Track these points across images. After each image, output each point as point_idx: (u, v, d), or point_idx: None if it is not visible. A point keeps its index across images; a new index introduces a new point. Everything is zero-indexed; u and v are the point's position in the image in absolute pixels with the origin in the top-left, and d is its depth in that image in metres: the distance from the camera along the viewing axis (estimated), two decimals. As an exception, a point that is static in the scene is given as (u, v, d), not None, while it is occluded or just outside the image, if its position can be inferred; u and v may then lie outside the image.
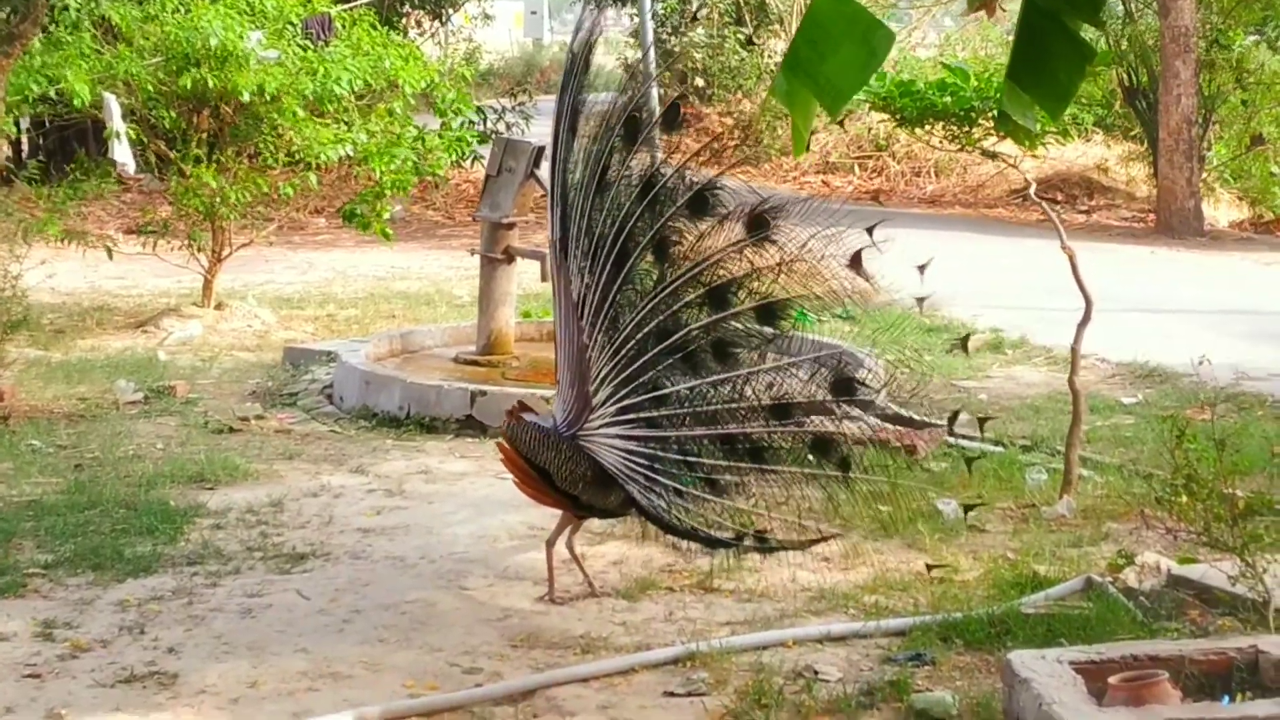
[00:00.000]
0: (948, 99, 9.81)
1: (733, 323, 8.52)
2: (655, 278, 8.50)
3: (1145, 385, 14.08)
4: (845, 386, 8.62)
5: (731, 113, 36.03)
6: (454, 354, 14.13)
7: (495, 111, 30.67)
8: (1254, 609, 7.80)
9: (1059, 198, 28.43)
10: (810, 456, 8.60)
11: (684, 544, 8.68)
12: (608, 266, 8.43)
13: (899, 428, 11.91)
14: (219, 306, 17.11)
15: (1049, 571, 8.89)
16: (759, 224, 8.41)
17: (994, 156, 10.54)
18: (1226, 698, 6.63)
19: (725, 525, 8.58)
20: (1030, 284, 19.01)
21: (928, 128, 10.73)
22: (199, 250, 16.83)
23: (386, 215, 16.81)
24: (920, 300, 11.08)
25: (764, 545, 8.63)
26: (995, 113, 9.80)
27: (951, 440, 11.83)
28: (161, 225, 17.00)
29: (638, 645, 7.97)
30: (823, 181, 32.30)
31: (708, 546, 8.64)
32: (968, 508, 9.14)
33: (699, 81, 37.27)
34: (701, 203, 8.50)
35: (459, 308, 17.83)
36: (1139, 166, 29.25)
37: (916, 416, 12.26)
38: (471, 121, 16.88)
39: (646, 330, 8.42)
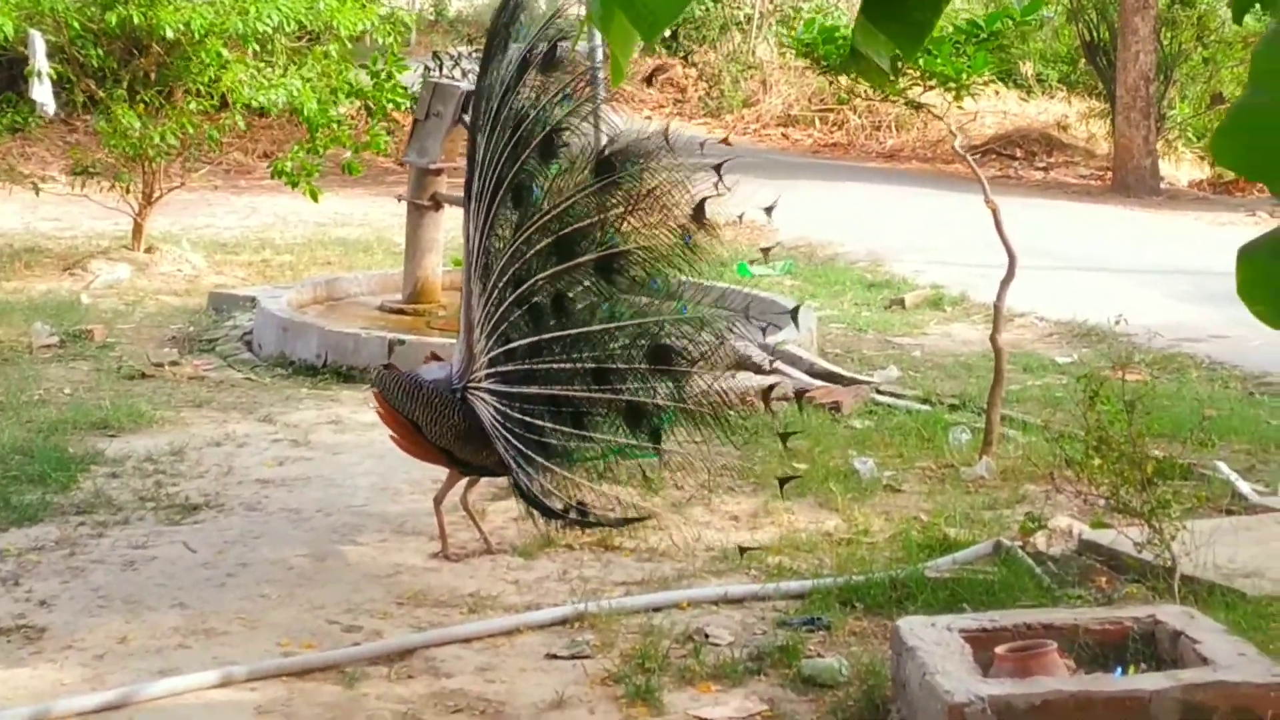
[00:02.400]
0: (871, 47, 9.50)
1: (575, 276, 8.27)
2: (514, 224, 8.22)
3: (1081, 345, 13.85)
4: (662, 355, 8.21)
5: (695, 63, 35.70)
6: (379, 302, 13.85)
7: (451, 58, 30.22)
8: (1162, 576, 7.58)
9: (1018, 154, 28.21)
10: (624, 426, 8.33)
11: (533, 511, 8.39)
12: (484, 211, 8.17)
13: (825, 384, 11.71)
14: (149, 250, 16.79)
15: (960, 534, 8.66)
16: (605, 168, 8.13)
17: (918, 107, 10.23)
18: (1120, 669, 6.39)
19: (554, 494, 8.32)
20: (976, 241, 18.65)
21: (853, 76, 10.43)
22: (127, 193, 16.46)
23: (316, 174, 16.38)
24: (765, 250, 10.86)
25: (584, 519, 8.38)
26: (919, 60, 9.51)
27: (879, 398, 11.59)
28: (87, 168, 16.59)
29: (527, 605, 7.71)
30: (783, 134, 32.02)
31: (545, 515, 8.37)
32: (783, 481, 8.79)
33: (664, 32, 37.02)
34: (550, 146, 8.25)
35: (396, 255, 17.47)
36: (1099, 124, 28.99)
37: (845, 373, 12.07)
38: (403, 87, 16.38)
39: (505, 279, 8.15)
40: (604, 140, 8.42)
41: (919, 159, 28.81)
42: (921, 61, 9.61)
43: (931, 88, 9.88)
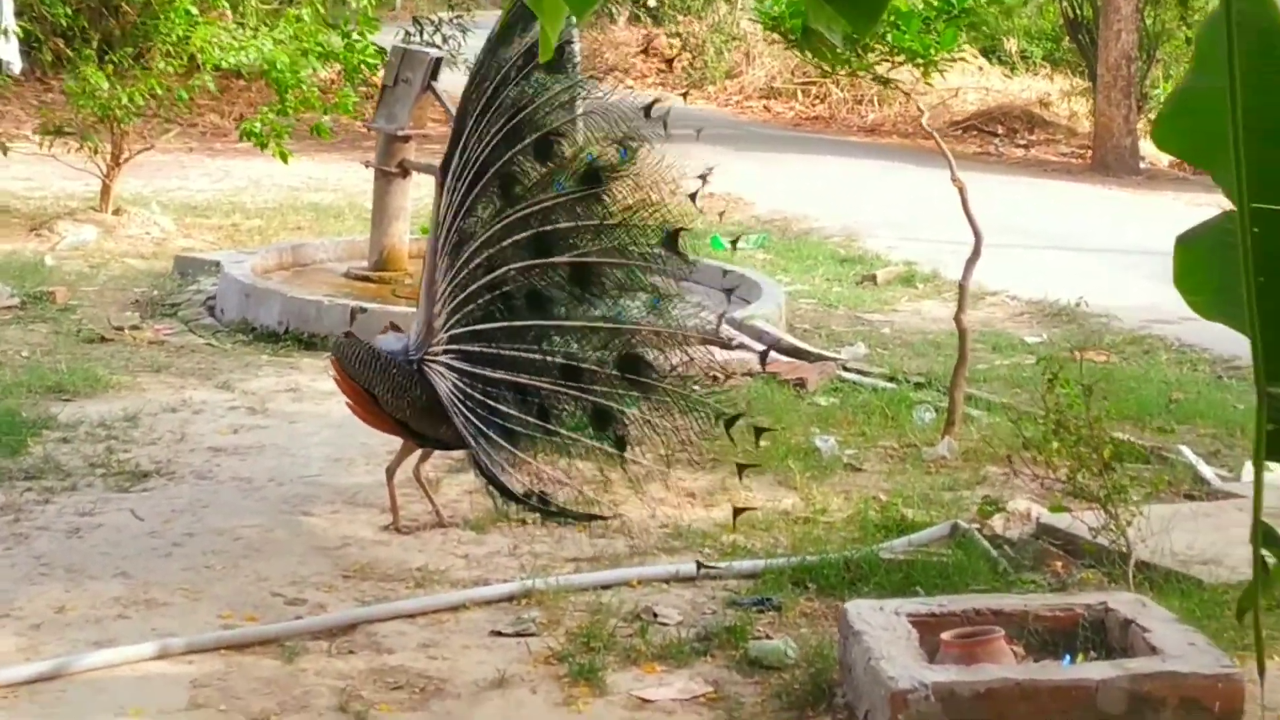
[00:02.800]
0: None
1: (549, 274, 8.21)
2: (493, 211, 8.14)
3: (1052, 324, 13.75)
4: (631, 365, 8.17)
5: (680, 34, 35.56)
6: (345, 269, 13.72)
7: (432, 24, 30.03)
8: (1118, 562, 7.49)
9: (999, 130, 28.07)
10: (590, 427, 8.27)
11: (492, 490, 8.27)
12: (463, 191, 8.08)
13: (791, 360, 11.61)
14: (117, 212, 16.61)
15: (918, 515, 8.56)
16: (592, 179, 8.07)
17: (886, 83, 10.11)
18: (1068, 657, 6.31)
19: (515, 477, 8.21)
20: (952, 218, 18.49)
21: (817, 52, 10.29)
22: (95, 154, 16.28)
23: (286, 135, 16.20)
24: (733, 242, 10.78)
25: (545, 509, 8.28)
26: (887, 35, 9.39)
27: (845, 375, 11.48)
28: (58, 128, 16.40)
29: (476, 580, 7.62)
30: (765, 107, 31.85)
31: (504, 497, 8.23)
32: (742, 467, 8.64)
33: (650, 2, 36.85)
34: (546, 147, 8.21)
35: (367, 221, 17.28)
36: (1081, 102, 28.87)
37: (812, 350, 11.97)
38: (380, 49, 16.21)
39: (478, 261, 8.06)
40: (594, 151, 8.33)
41: (899, 134, 28.64)
42: (889, 37, 9.50)
43: (900, 63, 9.76)
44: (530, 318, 8.16)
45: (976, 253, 9.93)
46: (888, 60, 9.81)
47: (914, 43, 9.45)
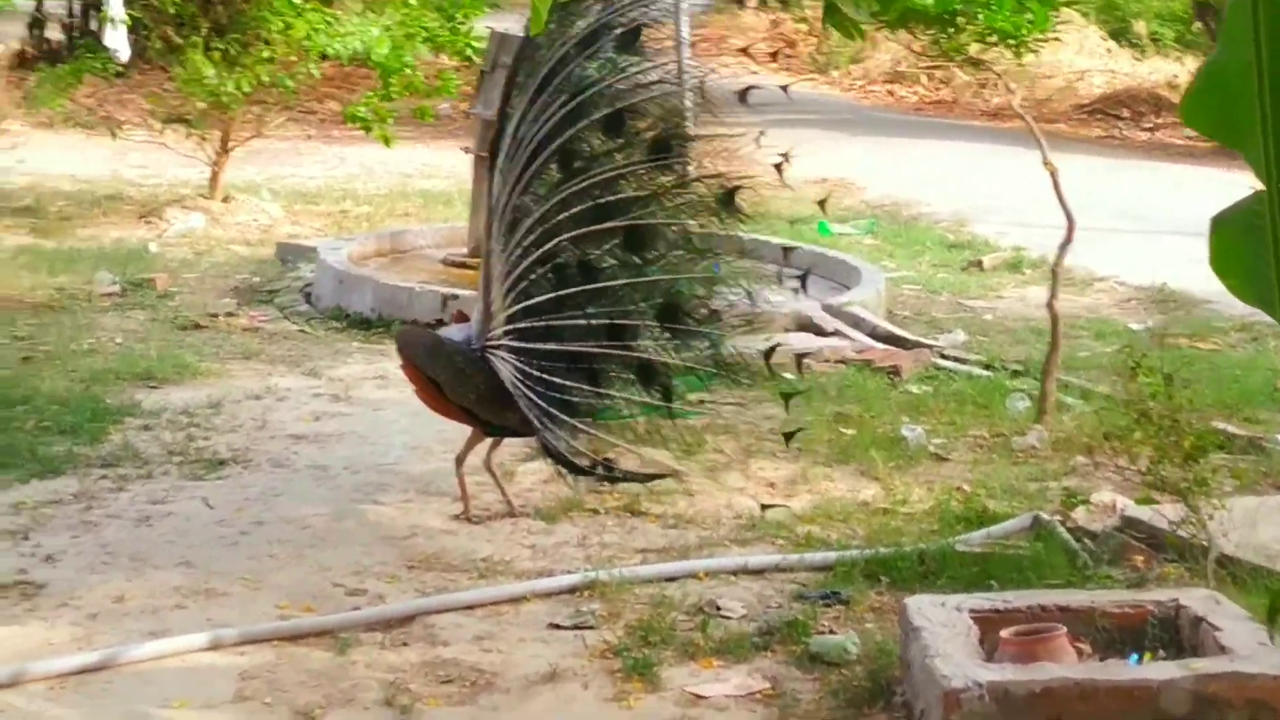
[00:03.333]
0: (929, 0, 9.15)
1: (603, 240, 8.21)
2: (552, 184, 8.04)
3: (1159, 311, 13.42)
4: (671, 313, 8.17)
5: (806, 19, 35.28)
6: (443, 255, 13.65)
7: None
8: (1199, 557, 7.25)
9: (1125, 114, 27.57)
10: (635, 384, 8.21)
11: (561, 469, 8.24)
12: (518, 170, 7.97)
13: (886, 347, 11.41)
14: (226, 199, 16.64)
15: (1001, 507, 8.35)
16: (660, 148, 8.00)
17: (978, 65, 9.90)
18: (1135, 656, 6.10)
19: (581, 452, 8.14)
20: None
21: (911, 32, 10.10)
22: (204, 141, 16.32)
23: (390, 120, 16.16)
24: (821, 203, 10.69)
25: (610, 474, 8.25)
26: (979, 15, 9.18)
27: (941, 363, 11.26)
28: (175, 116, 16.47)
29: (540, 571, 7.50)
30: (888, 91, 31.48)
31: (572, 472, 8.20)
32: (789, 435, 8.49)
33: (778, -14, 36.60)
34: (617, 122, 8.14)
35: (475, 208, 17.32)
36: (1210, 84, 28.23)
37: (909, 336, 11.76)
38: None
39: (532, 238, 7.96)
40: (665, 123, 8.34)
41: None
42: (981, 17, 9.29)
43: (992, 44, 9.54)
44: (581, 284, 8.10)
45: (1069, 237, 9.73)
46: (980, 40, 9.59)
47: (1005, 23, 9.23)
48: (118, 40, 15.62)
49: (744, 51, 34.58)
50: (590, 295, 8.08)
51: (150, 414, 9.69)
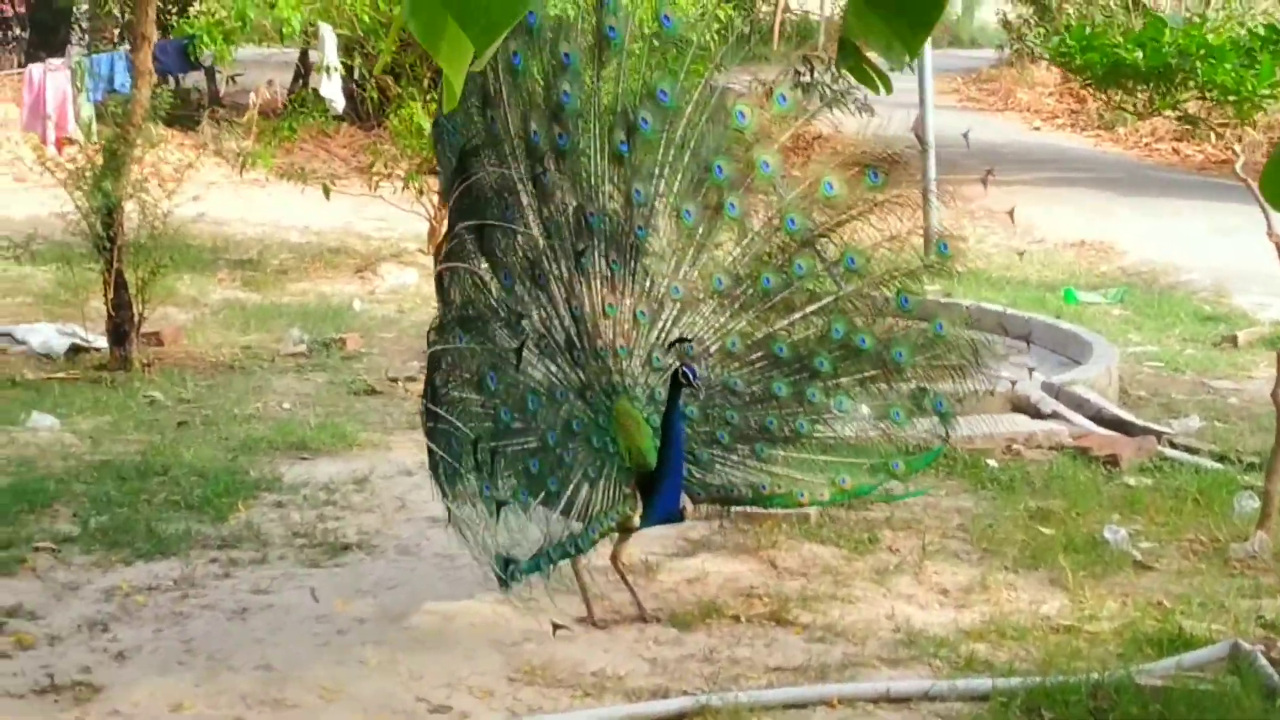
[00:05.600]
0: (1138, 54, 8.15)
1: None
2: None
3: None
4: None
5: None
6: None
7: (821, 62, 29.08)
8: None
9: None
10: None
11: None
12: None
13: (1107, 433, 10.38)
14: (443, 255, 16.07)
15: (1200, 628, 7.30)
16: None
17: (1195, 123, 8.85)
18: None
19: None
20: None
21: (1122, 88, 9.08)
22: (421, 195, 15.78)
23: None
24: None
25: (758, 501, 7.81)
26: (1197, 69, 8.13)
27: (1169, 452, 10.15)
28: (379, 168, 16.01)
29: (655, 689, 6.66)
30: (1173, 149, 29.98)
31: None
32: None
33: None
34: None
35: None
36: None
37: (1136, 421, 10.69)
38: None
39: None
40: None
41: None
42: (1200, 70, 8.25)
43: (1212, 101, 8.49)
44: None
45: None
46: (1200, 97, 8.54)
47: (1226, 76, 8.18)
48: (333, 90, 15.18)
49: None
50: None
51: (289, 489, 9.07)
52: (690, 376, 7.08)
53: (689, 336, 7.52)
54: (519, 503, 7.02)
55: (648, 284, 7.63)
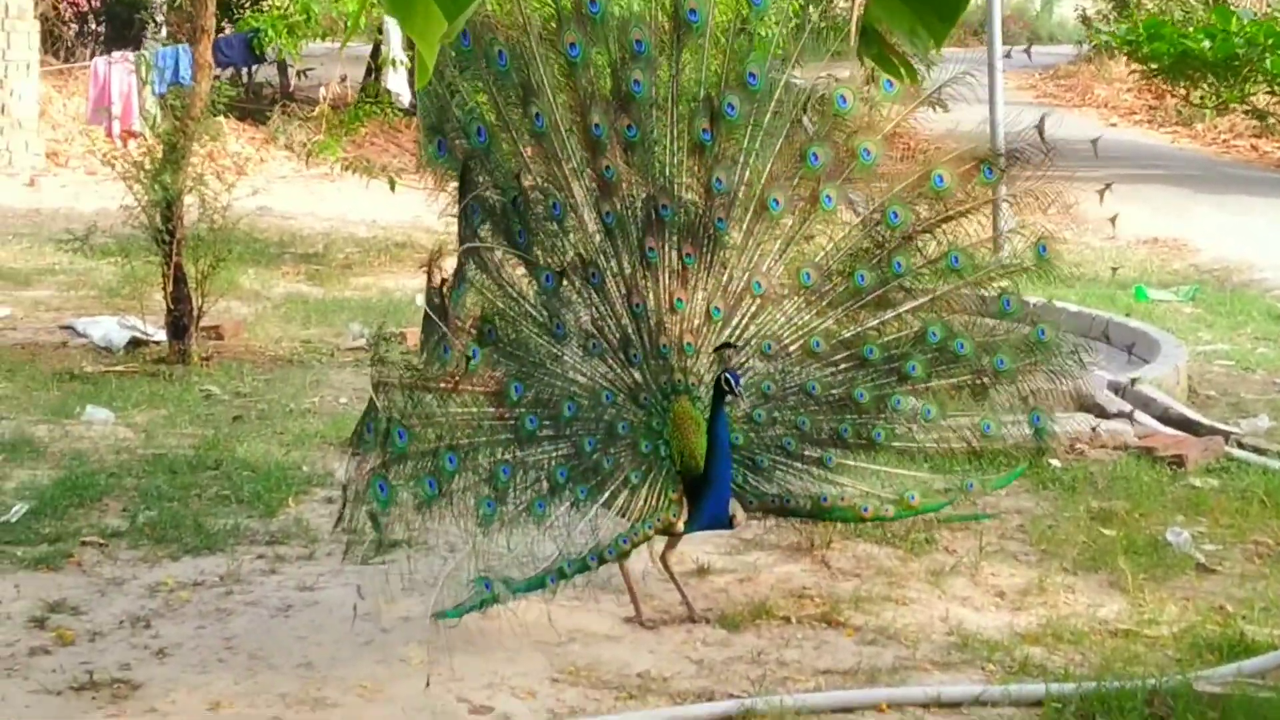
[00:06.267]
0: (1205, 44, 7.91)
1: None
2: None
3: None
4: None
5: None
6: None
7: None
8: None
9: None
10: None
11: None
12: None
13: (1173, 433, 10.20)
14: (510, 248, 15.99)
15: (1264, 634, 7.11)
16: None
17: (1263, 117, 8.63)
18: None
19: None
20: None
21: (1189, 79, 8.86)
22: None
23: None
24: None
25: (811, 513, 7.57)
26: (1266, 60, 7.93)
27: (1236, 453, 9.95)
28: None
29: (700, 692, 6.53)
30: (1251, 145, 29.55)
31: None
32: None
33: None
34: None
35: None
36: None
37: (1204, 421, 10.49)
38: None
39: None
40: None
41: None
42: (1269, 62, 8.04)
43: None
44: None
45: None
46: (1271, 91, 8.32)
47: (1295, 69, 7.97)
48: (399, 84, 15.11)
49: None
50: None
51: (341, 485, 8.96)
52: (733, 382, 6.91)
53: (735, 342, 7.28)
54: (535, 515, 6.90)
55: (725, 278, 7.36)
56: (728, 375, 6.93)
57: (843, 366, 7.50)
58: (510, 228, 7.13)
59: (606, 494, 7.08)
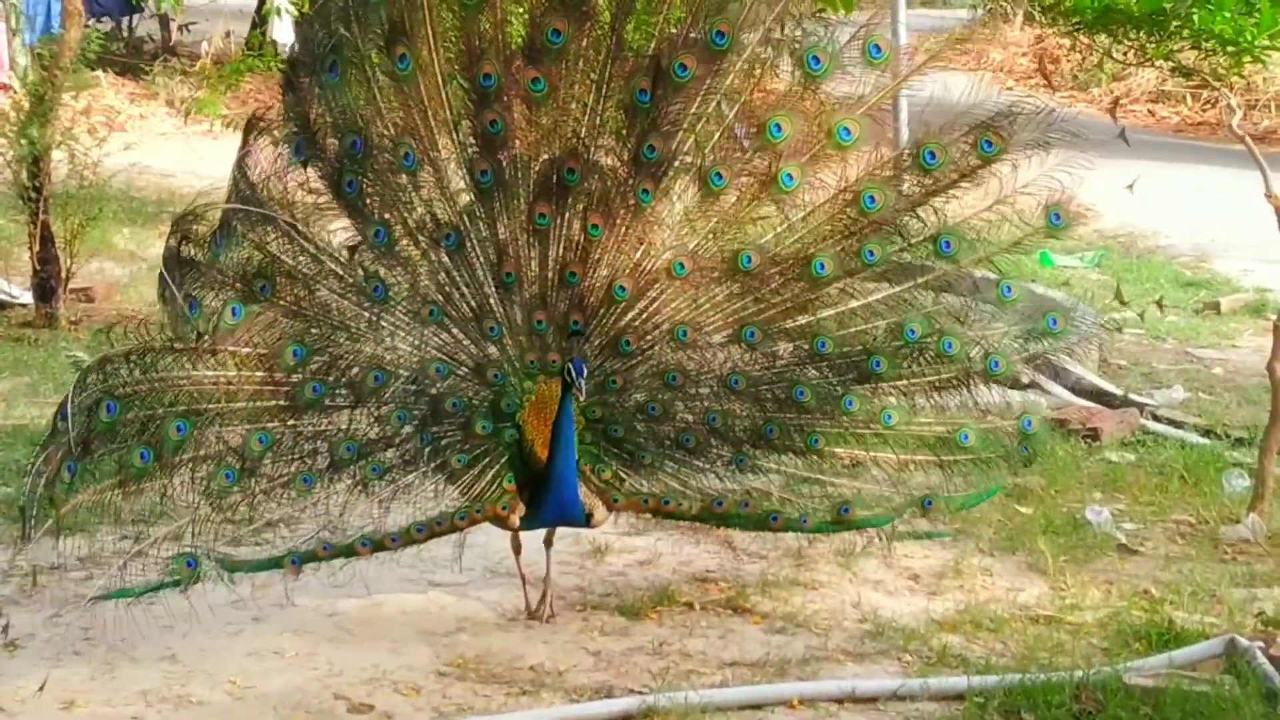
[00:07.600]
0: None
1: None
2: None
3: None
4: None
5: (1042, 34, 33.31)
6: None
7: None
8: None
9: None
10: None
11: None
12: None
13: (1087, 405, 9.83)
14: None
15: (1193, 621, 6.72)
16: None
17: (1189, 74, 8.28)
18: None
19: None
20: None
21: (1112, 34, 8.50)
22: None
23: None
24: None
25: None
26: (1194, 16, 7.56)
27: (1152, 426, 9.58)
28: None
29: (598, 686, 6.08)
30: (1149, 111, 29.34)
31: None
32: None
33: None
34: None
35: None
36: None
37: (1116, 392, 10.14)
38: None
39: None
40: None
41: (1297, 141, 26.02)
42: (1196, 19, 7.67)
43: (1209, 51, 7.91)
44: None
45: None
46: (1195, 46, 7.96)
47: (1225, 25, 7.59)
48: (285, 32, 14.49)
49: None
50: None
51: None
52: (574, 373, 6.24)
53: (582, 328, 6.56)
54: (297, 489, 6.38)
55: (639, 255, 6.63)
56: (570, 364, 6.28)
57: (785, 361, 6.79)
58: (339, 175, 6.46)
59: (413, 475, 6.50)
